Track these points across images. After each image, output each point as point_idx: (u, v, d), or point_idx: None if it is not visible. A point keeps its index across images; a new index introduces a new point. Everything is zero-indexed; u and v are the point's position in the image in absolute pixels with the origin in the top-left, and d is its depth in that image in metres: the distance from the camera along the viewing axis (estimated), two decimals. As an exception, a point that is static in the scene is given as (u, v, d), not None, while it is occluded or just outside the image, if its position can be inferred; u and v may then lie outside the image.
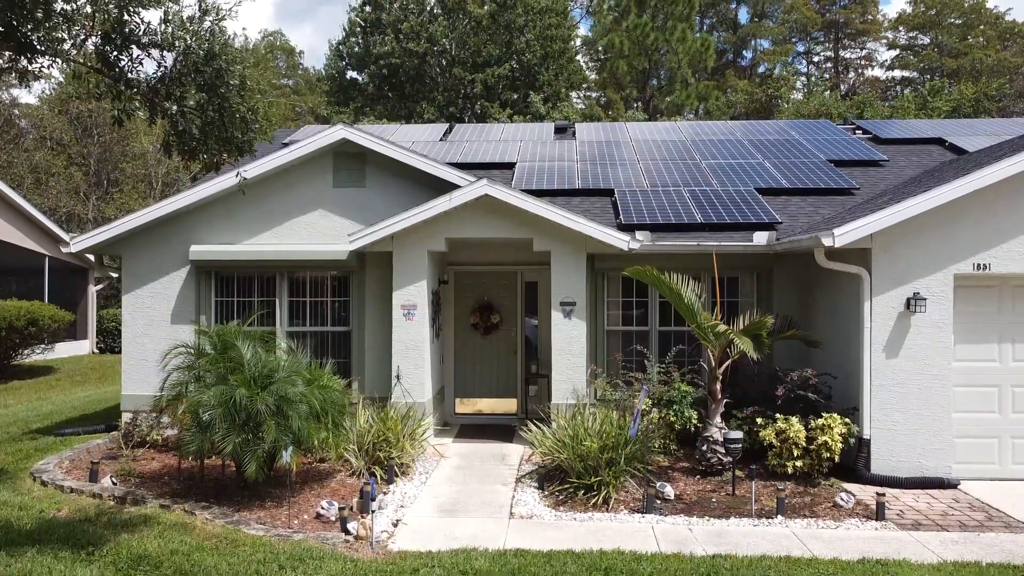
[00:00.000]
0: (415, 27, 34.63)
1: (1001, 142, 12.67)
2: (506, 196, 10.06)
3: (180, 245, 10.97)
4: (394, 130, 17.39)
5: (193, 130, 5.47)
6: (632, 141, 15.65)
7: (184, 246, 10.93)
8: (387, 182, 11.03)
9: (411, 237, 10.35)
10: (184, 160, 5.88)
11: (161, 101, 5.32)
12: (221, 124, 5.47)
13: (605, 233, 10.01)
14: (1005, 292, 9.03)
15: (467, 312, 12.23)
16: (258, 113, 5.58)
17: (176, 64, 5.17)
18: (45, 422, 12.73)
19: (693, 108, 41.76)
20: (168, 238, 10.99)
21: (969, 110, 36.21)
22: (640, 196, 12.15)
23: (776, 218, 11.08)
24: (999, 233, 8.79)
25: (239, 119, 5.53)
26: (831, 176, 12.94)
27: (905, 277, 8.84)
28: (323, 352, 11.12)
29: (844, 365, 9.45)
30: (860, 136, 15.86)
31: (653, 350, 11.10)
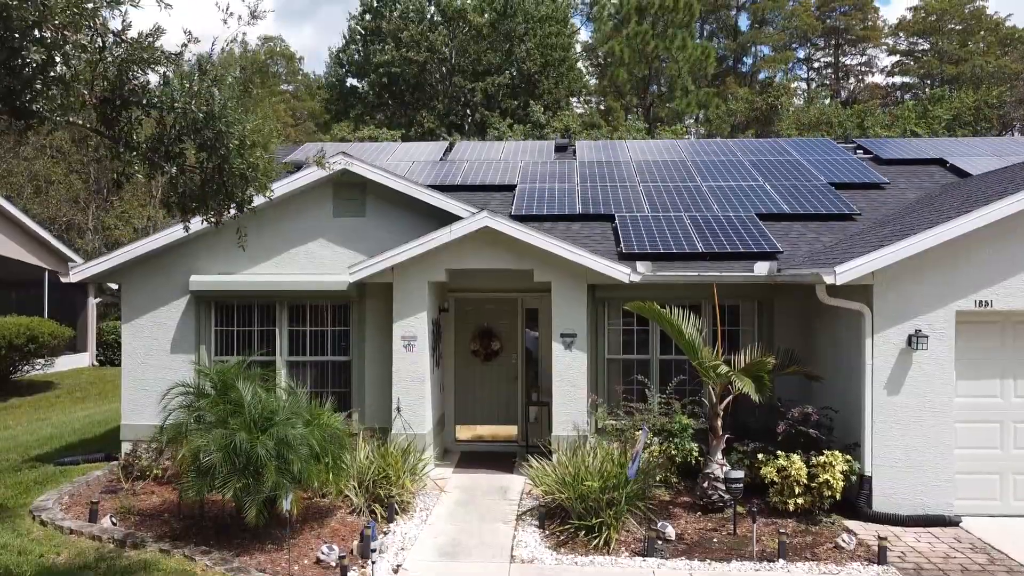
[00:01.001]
0: (415, 36, 34.63)
1: (1003, 167, 12.67)
2: (507, 228, 10.04)
3: (180, 275, 10.94)
4: (394, 148, 17.37)
5: (192, 187, 5.45)
6: (632, 161, 15.63)
7: (184, 276, 10.91)
8: (387, 211, 11.00)
9: (411, 268, 10.33)
10: (184, 219, 5.85)
11: (160, 160, 5.30)
12: (220, 181, 5.45)
13: (606, 265, 9.98)
14: (1007, 328, 9.00)
15: (467, 338, 12.20)
16: (258, 169, 5.56)
17: (175, 124, 5.14)
18: (45, 447, 12.71)
19: (693, 115, 41.77)
20: (168, 268, 10.97)
21: (970, 118, 36.23)
22: (641, 222, 12.12)
23: (777, 247, 11.05)
24: (1001, 269, 8.76)
25: (238, 176, 5.50)
26: (832, 201, 12.91)
27: (907, 314, 8.82)
28: (323, 382, 11.10)
29: (845, 399, 9.43)
30: (861, 156, 15.83)
31: (654, 379, 11.08)
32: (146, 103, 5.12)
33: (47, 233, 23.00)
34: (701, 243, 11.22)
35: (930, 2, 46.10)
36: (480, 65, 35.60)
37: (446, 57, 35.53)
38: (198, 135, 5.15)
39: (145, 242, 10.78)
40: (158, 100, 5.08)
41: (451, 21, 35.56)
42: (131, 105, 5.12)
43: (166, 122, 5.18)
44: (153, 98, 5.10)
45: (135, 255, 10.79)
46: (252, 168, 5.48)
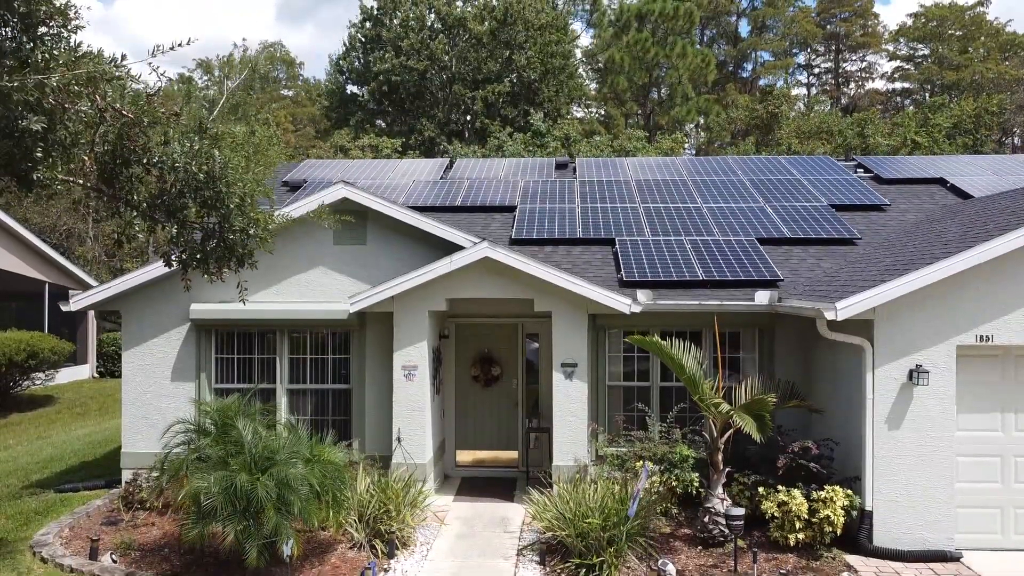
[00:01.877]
0: (415, 44, 34.60)
1: (1005, 192, 12.65)
2: (507, 259, 10.04)
3: (180, 303, 10.93)
4: (395, 165, 17.36)
5: (193, 243, 5.45)
6: (632, 180, 15.62)
7: (184, 304, 10.90)
8: (388, 238, 11.00)
9: (412, 298, 10.32)
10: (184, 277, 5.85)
11: (161, 218, 5.30)
12: (221, 237, 5.45)
13: (607, 296, 9.98)
14: (1008, 361, 9.00)
15: (468, 364, 12.20)
16: (259, 224, 5.56)
17: (176, 184, 5.14)
18: (45, 471, 12.71)
19: (694, 122, 41.76)
20: (168, 296, 10.96)
21: (970, 125, 36.19)
22: (641, 247, 12.12)
23: (777, 274, 11.05)
24: (1002, 304, 8.75)
25: (239, 231, 5.50)
26: (833, 224, 12.90)
27: (908, 348, 8.81)
28: (324, 410, 11.11)
29: (846, 431, 9.43)
30: (861, 175, 15.82)
31: (655, 406, 11.08)
32: (147, 162, 5.12)
33: (47, 246, 22.98)
34: (702, 270, 11.22)
35: (930, 8, 46.11)
36: (480, 73, 35.58)
37: (446, 65, 35.50)
38: (198, 194, 5.15)
39: (145, 270, 10.77)
40: (159, 160, 5.07)
41: (451, 29, 35.53)
42: (132, 164, 5.11)
43: (167, 181, 5.17)
44: (154, 157, 5.10)
45: (135, 283, 10.78)
46: (253, 223, 5.47)
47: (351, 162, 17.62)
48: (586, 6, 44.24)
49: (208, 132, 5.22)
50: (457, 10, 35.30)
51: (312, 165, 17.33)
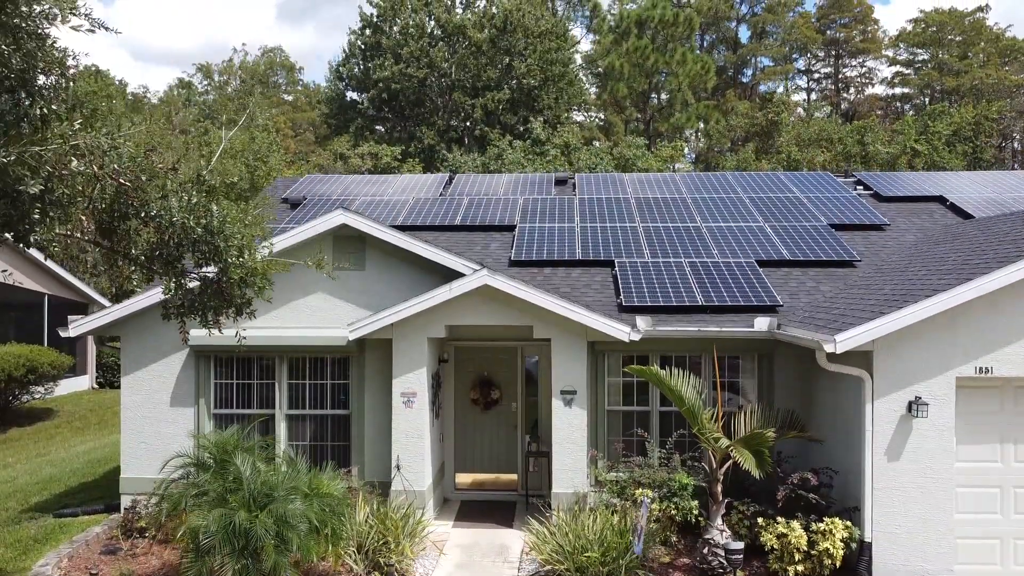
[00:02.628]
0: (415, 52, 34.61)
1: (1003, 215, 12.64)
2: (506, 287, 10.03)
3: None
4: (395, 180, 17.35)
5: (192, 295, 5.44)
6: (632, 197, 15.62)
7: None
8: (387, 264, 10.99)
9: (411, 325, 10.32)
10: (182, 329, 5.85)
11: (158, 269, 5.30)
12: (219, 288, 5.45)
13: (606, 324, 9.97)
14: (1007, 392, 9.00)
15: (467, 387, 12.20)
16: (257, 273, 5.55)
17: (174, 237, 5.13)
18: (44, 493, 12.70)
19: (694, 129, 41.75)
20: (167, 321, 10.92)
21: (969, 132, 36.21)
22: (640, 270, 12.11)
23: (777, 299, 11.05)
24: (1002, 336, 8.75)
25: (238, 280, 5.50)
26: (832, 246, 12.89)
27: (907, 380, 8.81)
28: (323, 435, 11.10)
29: (845, 461, 9.42)
30: (861, 192, 15.81)
31: (654, 431, 11.08)
32: (144, 215, 5.11)
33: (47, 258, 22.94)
34: (701, 295, 11.21)
35: (930, 14, 46.13)
36: (480, 81, 35.57)
37: (446, 72, 35.50)
38: (196, 246, 5.14)
39: (144, 296, 10.75)
40: (156, 213, 5.06)
41: (451, 36, 35.53)
42: (129, 218, 5.10)
43: (165, 234, 5.17)
44: (152, 211, 5.09)
45: (134, 309, 10.77)
46: (251, 273, 5.46)
47: (351, 177, 17.62)
48: (586, 12, 44.24)
49: (205, 182, 5.22)
50: (457, 18, 35.29)
51: (312, 180, 17.33)
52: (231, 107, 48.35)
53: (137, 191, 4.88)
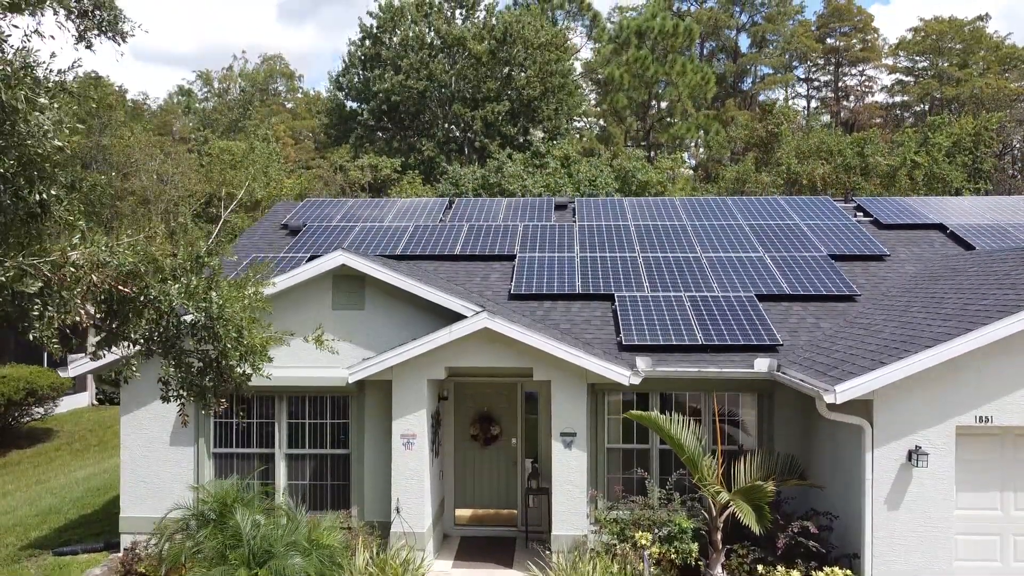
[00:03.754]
0: (415, 64, 34.59)
1: (1004, 249, 12.62)
2: (506, 330, 10.02)
3: (179, 368, 10.90)
4: (392, 204, 17.34)
5: (191, 375, 5.44)
6: (631, 224, 15.61)
7: (183, 369, 10.87)
8: (387, 303, 10.98)
9: (410, 367, 10.31)
10: (181, 412, 5.85)
11: (157, 351, 5.30)
12: (218, 366, 5.44)
13: (607, 368, 9.96)
14: (1007, 440, 9.00)
15: (467, 423, 12.19)
16: (255, 351, 5.55)
17: (173, 323, 5.14)
18: (44, 527, 12.70)
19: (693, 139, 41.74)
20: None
21: (969, 144, 36.21)
22: (640, 305, 12.10)
23: (777, 338, 11.04)
24: (1002, 385, 8.75)
25: (238, 356, 5.49)
26: (832, 279, 12.88)
27: (906, 429, 8.81)
28: (322, 475, 11.09)
29: (846, 506, 9.42)
30: (861, 219, 15.80)
31: (654, 470, 11.08)
32: (143, 299, 5.11)
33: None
34: (701, 333, 11.21)
35: (930, 23, 46.12)
36: (480, 92, 35.56)
37: (446, 84, 35.49)
38: (195, 330, 5.14)
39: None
40: (155, 297, 5.06)
41: (450, 48, 35.51)
42: (127, 302, 5.10)
43: (163, 318, 5.16)
44: (151, 294, 5.09)
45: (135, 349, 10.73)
46: (250, 351, 5.46)
47: (350, 202, 17.60)
48: (586, 21, 44.23)
49: (203, 262, 5.22)
50: (456, 30, 35.28)
51: (312, 205, 17.31)
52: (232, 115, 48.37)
53: (136, 277, 4.88)
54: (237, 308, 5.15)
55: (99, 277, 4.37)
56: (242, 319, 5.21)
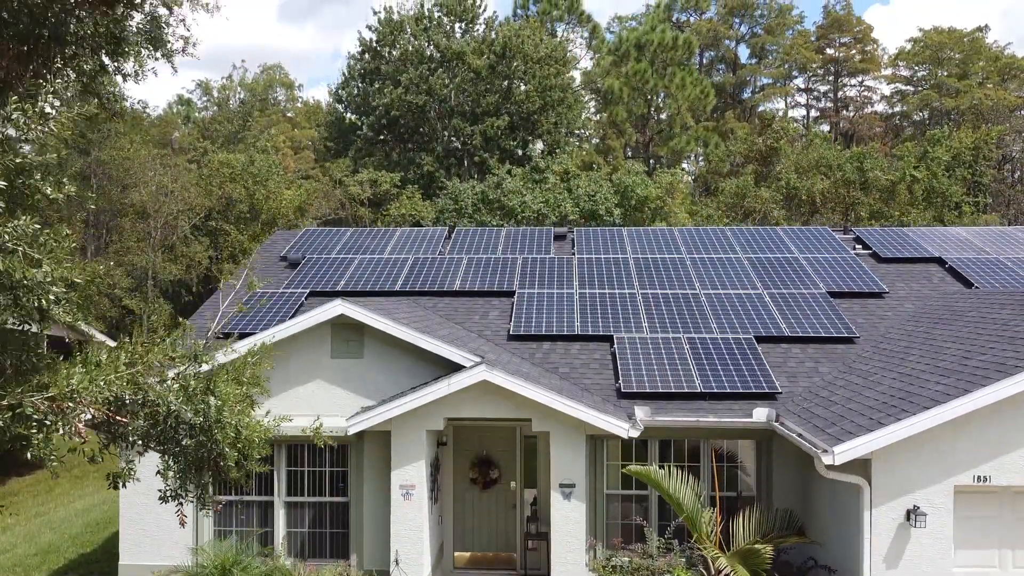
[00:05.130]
0: (414, 79, 34.57)
1: (1003, 292, 12.61)
2: (504, 382, 10.03)
3: (178, 416, 10.90)
4: (392, 235, 17.33)
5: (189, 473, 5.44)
6: (631, 258, 15.60)
7: (182, 417, 10.88)
8: (386, 352, 10.99)
9: (409, 419, 10.31)
10: (179, 512, 5.85)
11: (154, 448, 5.30)
12: (216, 471, 5.45)
13: (605, 421, 9.96)
14: (1005, 499, 9.00)
15: (466, 466, 12.18)
16: (253, 445, 5.54)
17: (170, 423, 5.13)
18: (43, 568, 12.69)
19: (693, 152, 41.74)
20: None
21: (969, 157, 36.23)
22: (640, 348, 12.11)
23: (776, 385, 11.05)
24: (1000, 445, 8.76)
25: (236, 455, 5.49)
26: (831, 319, 12.88)
27: (905, 489, 8.82)
28: (322, 523, 11.10)
29: (843, 563, 9.43)
30: (860, 251, 15.81)
31: (653, 517, 11.11)
32: (142, 401, 5.11)
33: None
34: (700, 380, 11.21)
35: (929, 33, 46.09)
36: (479, 106, 35.54)
37: (445, 98, 35.47)
38: (192, 433, 5.14)
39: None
40: (153, 402, 5.06)
41: (449, 62, 35.49)
42: (125, 404, 5.10)
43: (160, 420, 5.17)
44: (149, 395, 5.09)
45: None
46: (248, 446, 5.46)
47: (349, 231, 17.58)
48: (585, 33, 44.22)
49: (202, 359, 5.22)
50: (456, 44, 35.26)
51: (310, 236, 17.31)
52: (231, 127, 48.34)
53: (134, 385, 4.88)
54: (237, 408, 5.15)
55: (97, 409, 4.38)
56: (240, 420, 5.21)
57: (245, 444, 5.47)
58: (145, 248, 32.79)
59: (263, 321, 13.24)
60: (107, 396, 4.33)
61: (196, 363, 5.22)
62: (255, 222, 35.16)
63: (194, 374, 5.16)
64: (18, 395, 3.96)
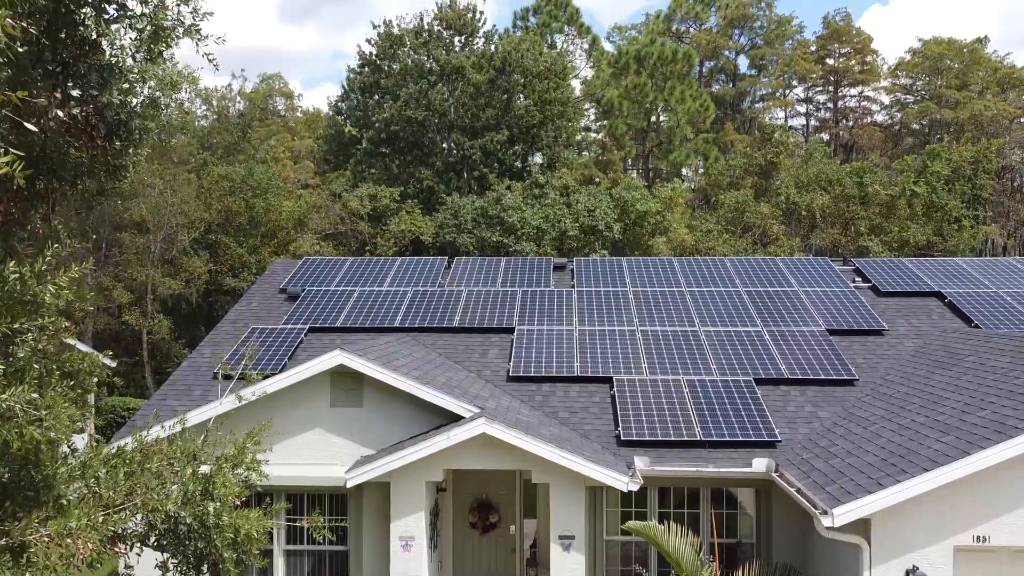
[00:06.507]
0: (414, 93, 34.56)
1: (1001, 335, 12.60)
2: (504, 435, 10.02)
3: (177, 465, 10.90)
4: (391, 266, 17.32)
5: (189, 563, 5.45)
6: (630, 291, 15.60)
7: (181, 466, 10.87)
8: (385, 400, 10.98)
9: (409, 471, 10.30)
10: None
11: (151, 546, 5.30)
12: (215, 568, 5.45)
13: (605, 475, 9.94)
14: (1004, 558, 8.99)
15: (465, 509, 12.20)
16: (252, 539, 5.54)
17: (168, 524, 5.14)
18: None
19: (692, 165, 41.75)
20: (165, 458, 10.93)
21: (968, 171, 36.24)
22: (639, 392, 12.10)
23: (775, 433, 11.05)
24: (999, 505, 8.75)
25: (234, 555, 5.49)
26: (831, 360, 12.87)
27: (905, 548, 8.81)
28: (321, 571, 11.11)
29: (844, 618, 9.44)
30: (859, 284, 15.81)
31: (652, 563, 11.11)
32: (140, 502, 5.11)
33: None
34: (700, 428, 11.21)
35: (928, 43, 46.09)
36: (479, 121, 35.54)
37: (445, 112, 35.45)
38: (191, 535, 5.14)
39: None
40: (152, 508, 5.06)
41: (449, 76, 35.47)
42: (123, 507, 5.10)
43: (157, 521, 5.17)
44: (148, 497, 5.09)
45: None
46: (248, 541, 5.46)
47: (349, 261, 17.55)
48: (585, 45, 44.21)
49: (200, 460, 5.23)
50: (456, 59, 35.24)
51: (310, 265, 17.30)
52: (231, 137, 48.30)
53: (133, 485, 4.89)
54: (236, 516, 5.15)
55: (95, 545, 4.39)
56: (238, 522, 5.21)
57: (245, 540, 5.46)
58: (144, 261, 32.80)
59: (263, 360, 13.25)
60: (105, 533, 4.32)
61: (196, 463, 5.22)
62: (255, 235, 35.15)
63: (192, 473, 5.15)
64: (18, 533, 3.95)
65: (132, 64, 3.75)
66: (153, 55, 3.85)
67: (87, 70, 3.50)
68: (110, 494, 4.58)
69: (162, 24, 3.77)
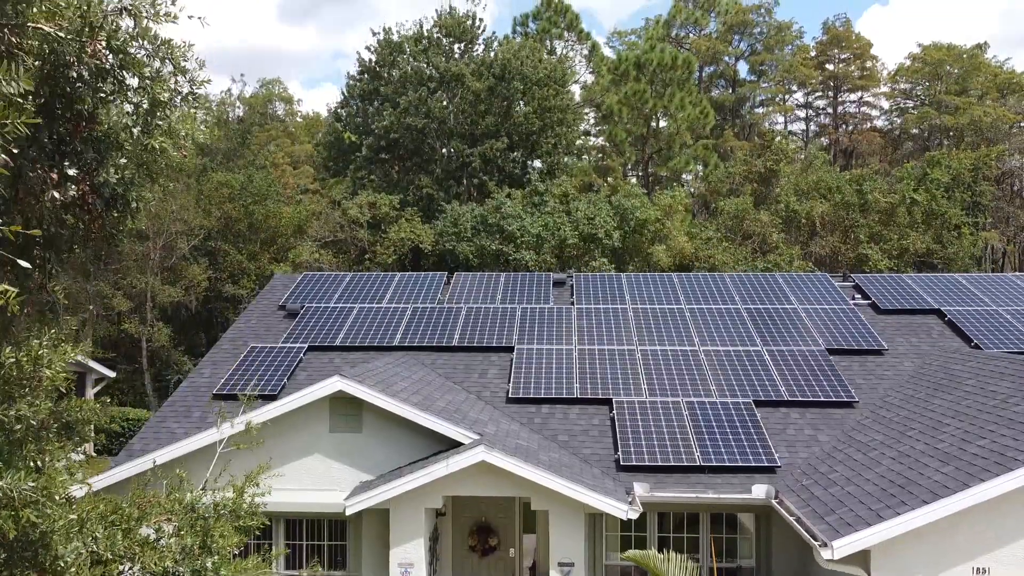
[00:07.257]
0: (413, 101, 34.54)
1: (1003, 357, 12.58)
2: (503, 463, 10.00)
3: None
4: (390, 282, 17.30)
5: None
6: (630, 308, 15.59)
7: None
8: (384, 426, 10.97)
9: (408, 498, 10.28)
10: None
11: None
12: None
13: (604, 503, 9.93)
14: (1005, 588, 8.99)
15: (465, 532, 12.17)
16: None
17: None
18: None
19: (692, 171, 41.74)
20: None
21: (968, 179, 36.23)
22: (639, 415, 12.09)
23: (775, 458, 11.04)
24: (999, 538, 8.74)
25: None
26: (831, 381, 12.86)
27: (904, 580, 8.80)
28: (320, 597, 11.09)
29: (843, 647, 9.42)
30: (859, 301, 15.80)
31: (652, 589, 11.07)
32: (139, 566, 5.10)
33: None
34: (700, 452, 11.20)
35: (928, 49, 46.07)
36: (478, 128, 35.53)
37: (444, 120, 35.44)
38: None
39: (137, 462, 10.73)
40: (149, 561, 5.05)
41: (448, 84, 35.46)
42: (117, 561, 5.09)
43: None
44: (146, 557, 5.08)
45: (126, 475, 10.74)
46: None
47: (348, 276, 17.54)
48: (585, 51, 44.20)
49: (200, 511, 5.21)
50: (455, 66, 35.22)
51: (309, 281, 17.30)
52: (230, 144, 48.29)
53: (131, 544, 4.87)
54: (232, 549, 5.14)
55: None
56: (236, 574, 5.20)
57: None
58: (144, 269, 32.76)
59: (263, 379, 13.24)
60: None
61: (194, 515, 5.20)
62: (255, 241, 35.15)
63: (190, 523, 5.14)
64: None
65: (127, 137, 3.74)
66: (150, 128, 3.85)
67: (83, 147, 3.49)
68: (108, 555, 4.56)
69: (159, 98, 3.77)
